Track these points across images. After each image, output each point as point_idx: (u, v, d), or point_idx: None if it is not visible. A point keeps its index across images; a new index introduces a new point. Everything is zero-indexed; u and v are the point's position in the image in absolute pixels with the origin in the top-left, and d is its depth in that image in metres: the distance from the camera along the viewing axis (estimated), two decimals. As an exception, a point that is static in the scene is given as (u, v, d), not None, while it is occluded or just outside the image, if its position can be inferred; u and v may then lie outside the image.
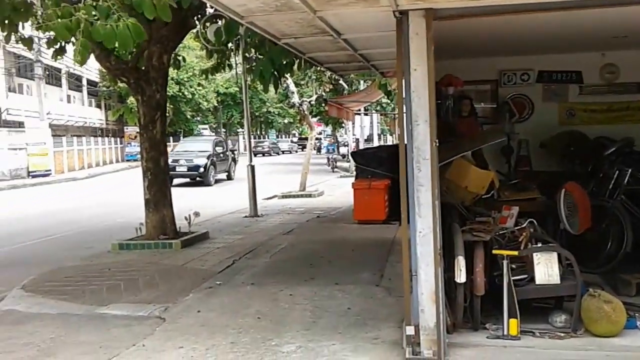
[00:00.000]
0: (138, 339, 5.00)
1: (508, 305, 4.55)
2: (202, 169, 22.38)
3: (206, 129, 47.85)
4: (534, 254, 4.76)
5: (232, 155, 26.16)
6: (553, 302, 4.94)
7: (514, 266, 4.73)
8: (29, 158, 28.35)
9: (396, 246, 8.52)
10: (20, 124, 30.75)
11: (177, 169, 21.83)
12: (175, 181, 21.03)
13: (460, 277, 4.43)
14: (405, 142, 4.34)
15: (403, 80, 4.29)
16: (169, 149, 18.75)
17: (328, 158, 31.00)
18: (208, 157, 22.85)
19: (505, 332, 4.51)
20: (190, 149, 23.64)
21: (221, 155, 24.56)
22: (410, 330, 4.23)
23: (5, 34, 8.94)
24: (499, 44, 6.49)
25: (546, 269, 4.72)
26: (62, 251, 9.63)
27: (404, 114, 4.36)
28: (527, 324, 4.61)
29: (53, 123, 32.41)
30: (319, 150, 46.52)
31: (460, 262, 4.44)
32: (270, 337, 4.88)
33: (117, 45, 4.30)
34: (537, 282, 4.72)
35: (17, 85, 35.09)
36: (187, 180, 22.66)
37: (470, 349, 4.38)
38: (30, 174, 27.97)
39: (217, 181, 23.80)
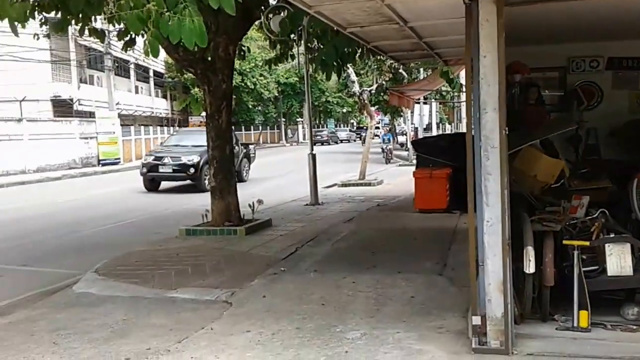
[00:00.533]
0: (206, 322, 5.15)
1: (578, 297, 4.43)
2: (192, 170, 17.13)
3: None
4: (606, 245, 4.61)
5: (246, 151, 20.75)
6: (624, 294, 4.78)
7: (584, 257, 4.60)
8: (99, 147, 29.57)
9: (458, 235, 8.44)
10: (91, 114, 32.06)
11: (161, 169, 17.42)
12: (164, 184, 17.96)
13: (529, 267, 4.35)
14: (473, 130, 4.28)
15: (472, 68, 4.23)
16: (157, 142, 17.79)
17: (382, 148, 28.49)
18: (201, 155, 16.71)
19: (575, 324, 4.41)
20: (182, 143, 18.77)
21: None
22: (476, 320, 4.19)
23: (78, 27, 9.38)
24: (568, 30, 6.28)
25: (619, 260, 4.56)
26: (131, 236, 10.03)
27: (472, 102, 4.30)
28: (598, 316, 4.49)
29: (122, 113, 33.62)
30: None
31: (530, 253, 4.36)
32: (334, 323, 4.95)
33: (183, 41, 4.39)
34: (609, 273, 4.56)
35: (88, 77, 36.63)
36: (181, 182, 17.89)
37: (539, 340, 4.30)
38: (100, 162, 29.18)
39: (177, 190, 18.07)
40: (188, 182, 17.48)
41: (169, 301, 5.92)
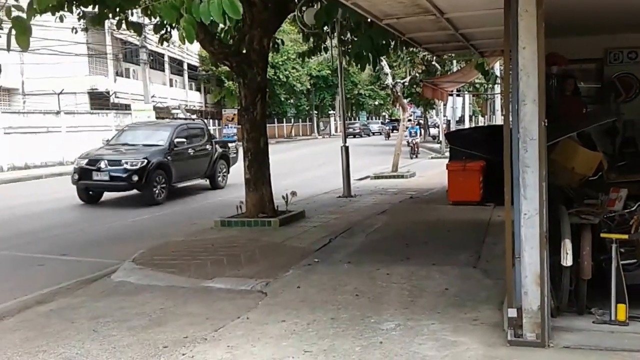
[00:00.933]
0: (242, 311, 5.23)
1: (616, 290, 4.37)
2: (135, 177, 13.16)
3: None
4: (645, 238, 4.52)
5: (223, 151, 16.50)
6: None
7: (622, 250, 4.53)
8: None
9: (492, 228, 8.37)
10: (127, 107, 32.66)
11: (95, 176, 13.46)
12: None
13: (567, 260, 4.30)
14: (511, 122, 4.24)
15: (510, 59, 4.18)
16: (102, 140, 15.02)
17: (408, 142, 26.42)
18: (151, 157, 13.58)
19: (613, 318, 4.36)
20: (133, 141, 14.80)
21: (191, 151, 14.94)
22: (512, 312, 4.17)
23: (115, 20, 9.57)
24: (606, 21, 6.15)
25: (657, 253, 4.48)
26: (167, 227, 10.21)
27: (510, 94, 4.26)
28: (635, 309, 4.43)
29: (157, 106, 34.13)
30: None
31: (567, 245, 4.30)
32: (369, 314, 4.97)
33: (213, 18, 4.37)
34: (648, 267, 4.49)
35: (124, 70, 37.29)
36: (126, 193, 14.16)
37: (575, 334, 4.26)
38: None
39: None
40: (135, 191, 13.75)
41: (205, 291, 6.02)
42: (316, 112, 57.49)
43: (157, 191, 13.47)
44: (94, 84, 33.27)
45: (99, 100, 32.97)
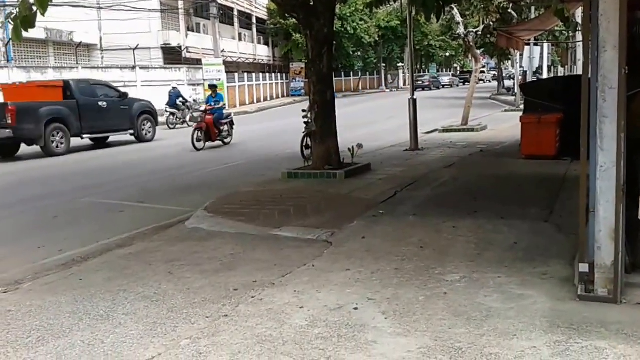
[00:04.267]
0: (308, 259, 5.35)
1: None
2: None
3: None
4: None
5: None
6: None
7: None
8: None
9: (567, 183, 8.07)
10: (198, 61, 33.23)
11: None
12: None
13: (644, 214, 4.10)
14: (590, 70, 4.02)
15: (590, 4, 3.93)
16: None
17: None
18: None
19: (692, 276, 4.15)
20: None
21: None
22: (584, 267, 4.05)
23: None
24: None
25: None
26: (237, 178, 10.48)
27: (590, 41, 4.02)
28: None
29: (226, 60, 34.55)
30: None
31: (646, 200, 4.10)
32: (433, 266, 4.96)
33: None
34: None
35: (195, 25, 37.79)
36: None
37: (651, 291, 4.09)
38: (207, 108, 30.27)
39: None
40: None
41: (273, 239, 6.17)
42: (384, 65, 56.45)
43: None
44: (167, 39, 33.96)
45: (172, 55, 33.70)
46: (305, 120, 11.24)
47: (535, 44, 26.60)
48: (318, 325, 3.86)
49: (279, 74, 44.19)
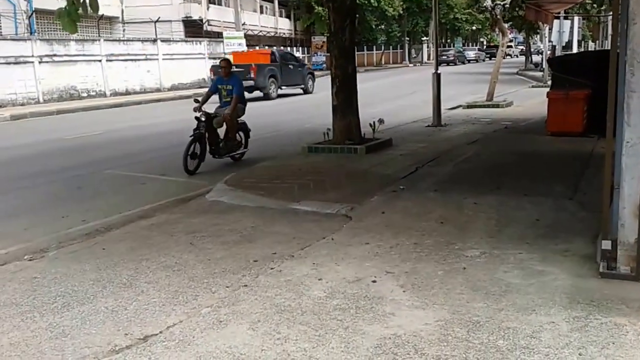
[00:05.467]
0: (327, 233, 5.36)
1: None
2: None
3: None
4: None
5: None
6: None
7: None
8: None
9: (594, 160, 7.93)
10: (219, 35, 33.14)
11: None
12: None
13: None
14: (619, 43, 3.91)
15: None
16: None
17: None
18: None
19: None
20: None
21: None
22: (606, 244, 4.00)
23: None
24: None
25: None
26: (257, 152, 10.46)
27: (620, 14, 3.91)
28: None
29: (247, 33, 34.40)
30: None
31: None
32: (453, 241, 4.94)
33: None
34: None
35: (216, -2, 37.61)
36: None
37: (676, 271, 4.03)
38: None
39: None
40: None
41: (292, 212, 6.20)
42: (408, 39, 55.73)
43: None
44: (188, 11, 33.90)
45: (193, 28, 33.65)
46: (198, 114, 8.86)
47: (565, 18, 25.95)
48: (336, 296, 3.89)
49: (300, 48, 43.88)
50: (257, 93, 22.36)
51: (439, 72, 13.32)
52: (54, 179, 8.80)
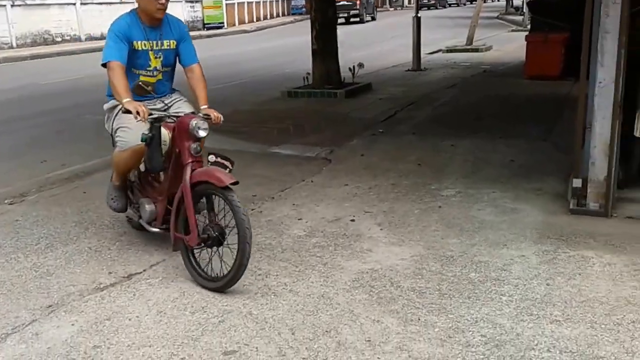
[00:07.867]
0: (306, 175, 5.44)
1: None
2: None
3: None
4: None
5: None
6: None
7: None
8: (204, 11, 29.91)
9: (569, 103, 8.02)
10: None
11: None
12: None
13: (639, 131, 4.14)
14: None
15: None
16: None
17: None
18: None
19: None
20: None
21: None
22: (577, 182, 4.13)
23: None
24: None
25: None
26: (236, 97, 10.38)
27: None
28: None
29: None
30: None
31: (642, 116, 4.12)
32: (429, 182, 5.05)
33: None
34: None
35: (192, -62, 36.23)
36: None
37: (641, 206, 4.20)
38: (205, 26, 29.65)
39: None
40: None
41: (272, 155, 6.25)
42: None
43: None
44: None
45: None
46: None
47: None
48: (316, 235, 3.99)
49: (280, -9, 42.79)
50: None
51: (419, 15, 13.19)
52: (32, 124, 8.67)
